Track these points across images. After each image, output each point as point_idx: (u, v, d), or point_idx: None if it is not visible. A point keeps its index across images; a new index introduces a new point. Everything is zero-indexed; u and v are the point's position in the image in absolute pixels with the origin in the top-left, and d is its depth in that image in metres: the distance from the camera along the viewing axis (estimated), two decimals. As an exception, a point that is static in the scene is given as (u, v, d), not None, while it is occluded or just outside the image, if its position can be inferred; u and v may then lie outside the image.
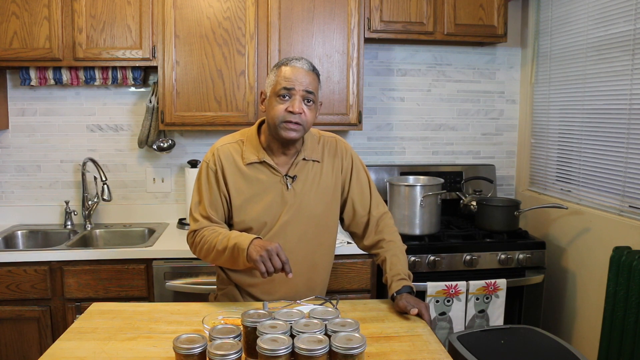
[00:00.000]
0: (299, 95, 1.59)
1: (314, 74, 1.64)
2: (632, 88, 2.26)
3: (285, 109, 1.59)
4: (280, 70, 1.63)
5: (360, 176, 1.80)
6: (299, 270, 1.71)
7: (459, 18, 2.75)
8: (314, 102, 1.64)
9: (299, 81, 1.59)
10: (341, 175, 1.77)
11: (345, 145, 1.81)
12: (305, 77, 1.61)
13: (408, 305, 1.57)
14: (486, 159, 3.20)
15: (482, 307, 2.47)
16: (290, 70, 1.61)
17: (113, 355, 1.34)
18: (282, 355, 1.15)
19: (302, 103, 1.60)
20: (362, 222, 1.80)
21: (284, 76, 1.61)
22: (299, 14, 2.62)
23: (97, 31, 2.55)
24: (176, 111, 2.60)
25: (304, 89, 1.60)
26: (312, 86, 1.62)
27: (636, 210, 2.25)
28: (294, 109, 1.58)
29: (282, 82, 1.60)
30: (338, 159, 1.77)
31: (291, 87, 1.59)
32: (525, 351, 1.82)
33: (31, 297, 2.35)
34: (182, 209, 2.97)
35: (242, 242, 1.53)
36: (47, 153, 2.90)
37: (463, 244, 2.54)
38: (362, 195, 1.79)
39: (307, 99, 1.61)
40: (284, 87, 1.59)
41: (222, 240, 1.59)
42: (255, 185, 1.67)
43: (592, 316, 2.45)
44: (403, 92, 3.09)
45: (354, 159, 1.81)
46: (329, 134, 1.82)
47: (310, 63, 1.66)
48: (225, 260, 1.60)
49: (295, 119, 1.59)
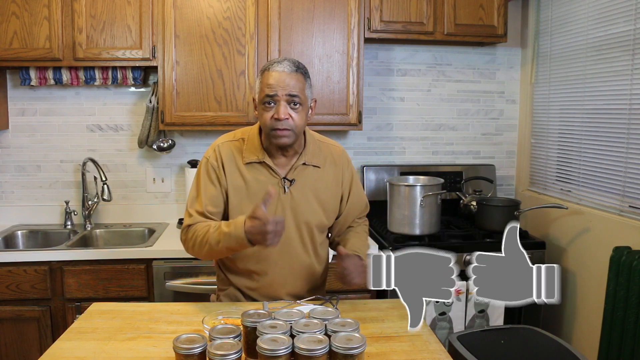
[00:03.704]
0: (283, 101, 1.56)
1: (299, 73, 1.59)
2: (632, 88, 2.26)
3: (271, 117, 1.57)
4: (263, 77, 1.60)
5: (356, 191, 1.81)
6: (296, 273, 1.71)
7: (459, 18, 2.75)
8: (301, 104, 1.59)
9: (280, 86, 1.56)
10: (341, 188, 1.77)
11: (347, 157, 1.81)
12: (289, 80, 1.56)
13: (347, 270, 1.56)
14: (486, 159, 3.20)
15: (482, 307, 2.47)
16: (271, 75, 1.57)
17: (113, 355, 1.34)
18: (282, 355, 1.15)
19: (288, 108, 1.57)
20: (341, 226, 1.83)
21: (266, 83, 1.57)
22: (299, 14, 2.62)
23: (97, 31, 2.55)
24: (176, 111, 2.60)
25: (287, 93, 1.56)
26: (296, 88, 1.57)
27: (636, 210, 2.25)
28: (279, 116, 1.55)
29: (264, 89, 1.57)
30: (339, 169, 1.76)
31: (273, 93, 1.56)
32: (525, 351, 1.82)
33: (31, 297, 2.35)
34: (182, 209, 2.97)
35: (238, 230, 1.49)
36: (47, 153, 2.90)
37: (463, 244, 2.54)
38: (352, 209, 1.82)
39: (293, 102, 1.58)
40: (267, 94, 1.57)
41: (213, 232, 1.55)
42: (253, 185, 1.66)
43: (592, 316, 2.45)
44: (403, 92, 3.09)
45: (353, 173, 1.82)
46: (333, 142, 1.81)
47: (294, 63, 1.60)
48: (222, 250, 1.56)
49: (282, 125, 1.56)
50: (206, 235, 1.57)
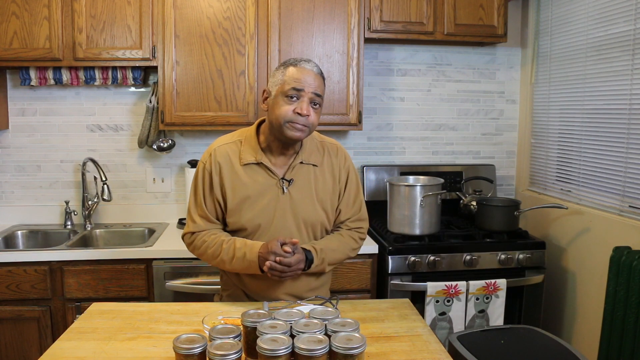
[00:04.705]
0: (307, 97, 1.59)
1: (321, 77, 1.65)
2: (632, 88, 2.26)
3: (293, 110, 1.58)
4: (289, 70, 1.61)
5: (351, 189, 1.79)
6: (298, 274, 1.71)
7: (459, 18, 2.75)
8: (320, 106, 1.64)
9: (308, 83, 1.59)
10: (338, 184, 1.76)
11: (345, 154, 1.81)
12: (314, 80, 1.60)
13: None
14: (486, 159, 3.20)
15: (482, 307, 2.47)
16: (299, 71, 1.60)
17: (113, 355, 1.34)
18: (282, 355, 1.15)
19: (310, 105, 1.59)
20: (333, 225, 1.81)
21: (293, 77, 1.59)
22: (299, 14, 2.62)
23: (97, 31, 2.55)
24: (176, 111, 2.60)
25: (313, 92, 1.59)
26: (320, 89, 1.62)
27: (636, 210, 2.25)
28: (302, 111, 1.57)
29: (291, 82, 1.59)
30: (337, 166, 1.76)
31: (301, 88, 1.58)
32: (525, 351, 1.82)
33: (31, 297, 2.35)
34: (182, 209, 2.97)
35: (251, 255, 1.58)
36: (47, 153, 2.90)
37: (463, 244, 2.54)
38: (344, 207, 1.78)
39: (315, 101, 1.61)
40: (294, 87, 1.58)
41: (227, 250, 1.62)
42: (251, 186, 1.67)
43: (592, 316, 2.45)
44: (403, 92, 3.09)
45: (350, 171, 1.80)
46: (331, 140, 1.81)
47: (318, 66, 1.66)
48: (235, 268, 1.64)
49: (302, 121, 1.58)
50: (218, 249, 1.63)
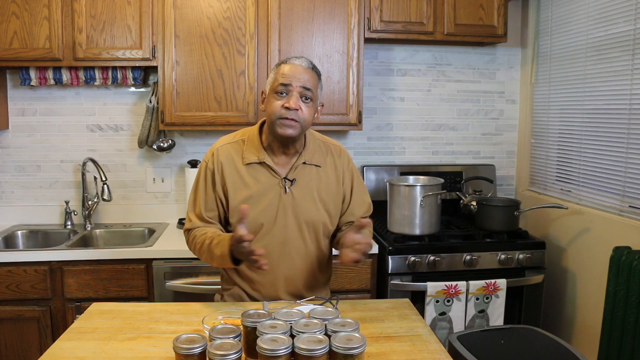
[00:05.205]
0: (295, 92, 1.59)
1: (313, 72, 1.64)
2: (632, 88, 2.26)
3: (282, 105, 1.58)
4: (280, 68, 1.63)
5: (358, 191, 1.79)
6: (299, 273, 1.71)
7: (459, 18, 2.75)
8: (312, 100, 1.62)
9: (296, 77, 1.59)
10: (342, 187, 1.76)
11: (348, 156, 1.81)
12: (304, 74, 1.60)
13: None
14: (486, 159, 3.20)
15: (482, 307, 2.47)
16: (288, 67, 1.61)
17: (113, 355, 1.34)
18: (282, 355, 1.15)
19: (299, 100, 1.59)
20: (344, 225, 1.80)
21: (282, 73, 1.61)
22: (299, 14, 2.62)
23: (97, 31, 2.55)
24: (176, 111, 2.60)
25: (301, 85, 1.59)
26: (310, 83, 1.61)
27: (636, 210, 2.25)
28: (289, 105, 1.57)
29: (279, 78, 1.60)
30: (340, 168, 1.76)
31: (288, 82, 1.58)
32: (525, 351, 1.82)
33: (31, 297, 2.35)
34: (182, 209, 2.97)
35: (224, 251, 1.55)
36: (47, 153, 2.90)
37: (463, 244, 2.54)
38: (355, 209, 1.79)
39: (305, 95, 1.60)
40: (281, 83, 1.59)
41: (207, 247, 1.60)
42: (253, 186, 1.67)
43: (592, 316, 2.45)
44: (403, 92, 3.09)
45: (354, 172, 1.80)
46: (334, 141, 1.81)
47: (311, 62, 1.65)
48: (217, 264, 1.63)
49: (291, 115, 1.58)
50: (202, 247, 1.62)
